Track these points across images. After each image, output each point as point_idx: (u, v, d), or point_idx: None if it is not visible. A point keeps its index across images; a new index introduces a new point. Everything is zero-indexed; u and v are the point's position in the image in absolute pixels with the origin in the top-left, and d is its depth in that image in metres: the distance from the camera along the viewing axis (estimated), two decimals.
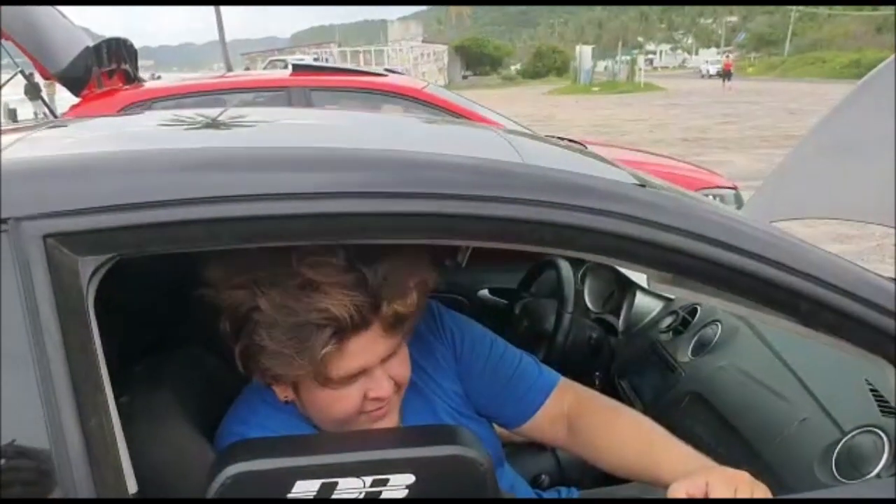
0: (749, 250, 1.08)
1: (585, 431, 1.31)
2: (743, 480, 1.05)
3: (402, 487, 1.00)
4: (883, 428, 1.24)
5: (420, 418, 1.28)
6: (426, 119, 1.69)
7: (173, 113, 1.60)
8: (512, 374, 1.36)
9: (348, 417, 1.16)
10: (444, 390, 1.34)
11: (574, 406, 1.34)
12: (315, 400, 1.16)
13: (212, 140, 1.30)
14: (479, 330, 1.40)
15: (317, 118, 1.57)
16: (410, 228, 1.04)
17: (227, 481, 0.97)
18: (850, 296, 1.09)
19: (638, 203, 1.08)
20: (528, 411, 1.35)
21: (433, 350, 1.35)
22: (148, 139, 1.29)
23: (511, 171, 1.09)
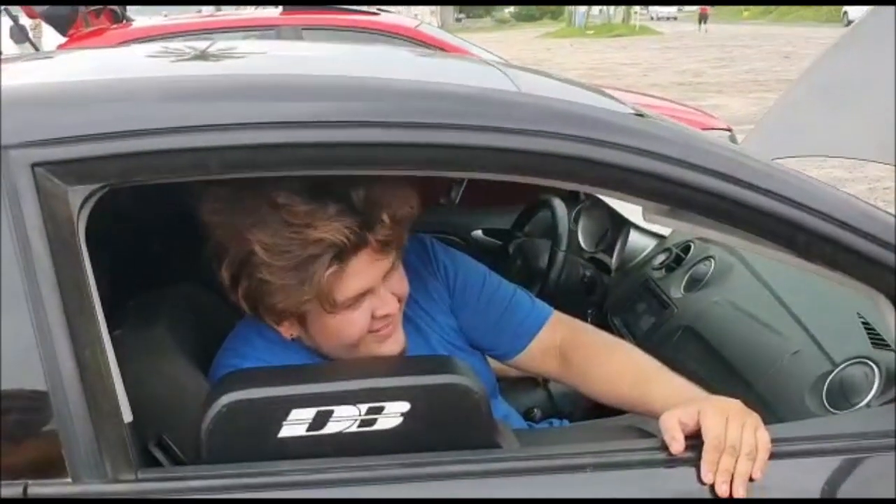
0: (747, 181, 1.07)
1: (578, 363, 1.32)
2: (735, 409, 1.06)
3: (397, 415, 1.01)
4: (874, 359, 1.25)
5: (415, 351, 1.29)
6: (421, 52, 1.66)
7: (161, 45, 1.57)
8: (505, 308, 1.36)
9: (360, 338, 1.17)
10: (439, 324, 1.35)
11: (567, 338, 1.35)
12: (325, 328, 1.17)
13: (198, 70, 1.28)
14: (472, 264, 1.40)
15: (307, 49, 1.54)
16: (409, 159, 1.03)
17: (223, 410, 0.98)
18: (849, 228, 1.09)
19: (637, 133, 1.06)
20: (521, 343, 1.36)
21: (427, 285, 1.35)
22: (135, 69, 1.27)
23: (510, 101, 1.08)
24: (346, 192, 1.09)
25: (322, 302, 1.11)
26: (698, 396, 1.15)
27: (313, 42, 3.73)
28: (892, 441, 1.09)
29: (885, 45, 2.10)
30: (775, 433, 1.08)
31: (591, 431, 1.34)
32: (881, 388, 1.21)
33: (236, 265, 1.11)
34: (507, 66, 1.45)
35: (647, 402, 1.20)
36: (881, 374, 1.22)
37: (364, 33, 4.41)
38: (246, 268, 1.10)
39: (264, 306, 1.13)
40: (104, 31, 4.29)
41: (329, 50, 1.58)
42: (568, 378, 1.36)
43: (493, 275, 1.41)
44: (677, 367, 1.57)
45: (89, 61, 1.44)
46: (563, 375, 1.36)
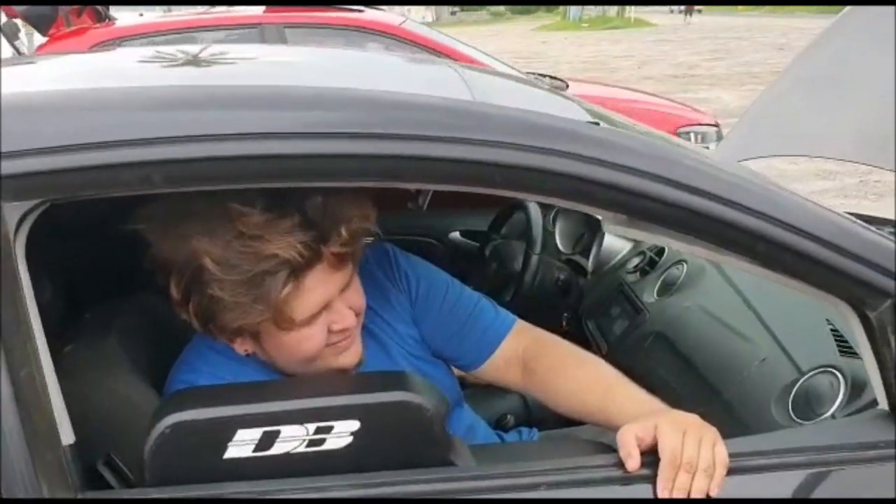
0: (706, 190, 1.04)
1: (541, 374, 1.29)
2: (692, 424, 1.04)
3: (346, 434, 0.99)
4: (840, 368, 1.23)
5: (376, 363, 1.27)
6: (379, 54, 1.64)
7: (121, 51, 1.54)
8: (467, 317, 1.34)
9: (317, 353, 1.15)
10: (400, 334, 1.32)
11: (530, 348, 1.32)
12: (280, 345, 1.14)
13: (150, 79, 1.25)
14: (434, 272, 1.38)
15: (270, 55, 1.51)
16: (360, 171, 1.00)
17: (166, 431, 0.95)
18: (809, 236, 1.06)
19: (590, 142, 1.04)
20: (484, 353, 1.33)
21: (388, 294, 1.33)
22: (84, 78, 1.24)
23: (464, 110, 1.05)
24: (302, 205, 1.07)
25: (278, 320, 1.09)
26: (658, 410, 1.13)
27: (288, 45, 3.69)
28: (854, 455, 1.08)
29: (866, 42, 2.08)
30: (735, 447, 1.06)
31: (555, 445, 1.32)
32: (846, 399, 1.19)
33: (186, 280, 1.08)
34: (466, 68, 1.43)
35: (608, 415, 1.18)
36: (846, 384, 1.20)
37: (347, 31, 4.37)
38: (196, 283, 1.07)
39: (216, 324, 1.11)
40: (85, 31, 4.26)
41: (289, 54, 1.55)
42: (531, 389, 1.33)
43: (456, 283, 1.39)
44: (647, 373, 1.56)
45: (37, 70, 1.41)
46: (527, 386, 1.33)
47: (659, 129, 4.42)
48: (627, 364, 1.64)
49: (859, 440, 1.10)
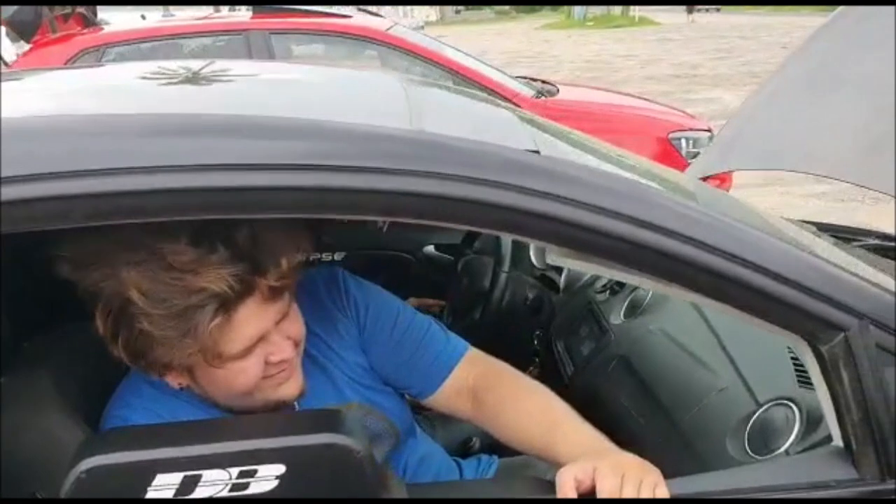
0: (649, 221, 1.01)
1: (490, 405, 1.26)
2: (633, 466, 1.00)
3: (271, 478, 0.95)
4: (796, 401, 1.19)
5: (320, 393, 1.23)
6: (325, 71, 1.59)
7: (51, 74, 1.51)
8: (417, 345, 1.30)
9: (254, 387, 1.12)
10: (347, 363, 1.29)
11: (481, 378, 1.28)
12: (215, 379, 1.11)
13: (70, 106, 1.21)
14: (385, 299, 1.34)
15: (256, 73, 1.46)
16: (284, 204, 0.97)
17: (82, 476, 0.92)
18: (756, 268, 1.03)
19: (525, 171, 1.00)
20: (434, 383, 1.30)
21: (335, 321, 1.29)
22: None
23: (398, 138, 1.01)
24: (233, 236, 1.03)
25: (207, 356, 1.05)
26: (603, 449, 1.09)
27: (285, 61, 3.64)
28: (805, 496, 1.04)
29: (855, 47, 2.03)
30: (680, 488, 1.02)
31: (499, 484, 1.28)
32: (801, 434, 1.15)
33: (114, 313, 1.05)
34: (417, 85, 1.38)
35: (553, 452, 1.14)
36: (801, 418, 1.16)
37: (332, 37, 4.34)
38: (124, 317, 1.04)
39: (146, 360, 1.07)
40: (71, 38, 4.23)
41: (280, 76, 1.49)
42: (480, 420, 1.29)
43: (408, 309, 1.35)
44: (611, 400, 1.53)
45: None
46: (476, 417, 1.29)
47: (649, 134, 4.42)
48: (592, 388, 1.61)
49: (811, 479, 1.06)
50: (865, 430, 1.05)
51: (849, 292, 1.06)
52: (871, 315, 1.06)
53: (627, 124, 4.41)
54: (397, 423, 1.31)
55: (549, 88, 4.89)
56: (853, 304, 1.05)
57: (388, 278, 2.38)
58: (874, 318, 1.06)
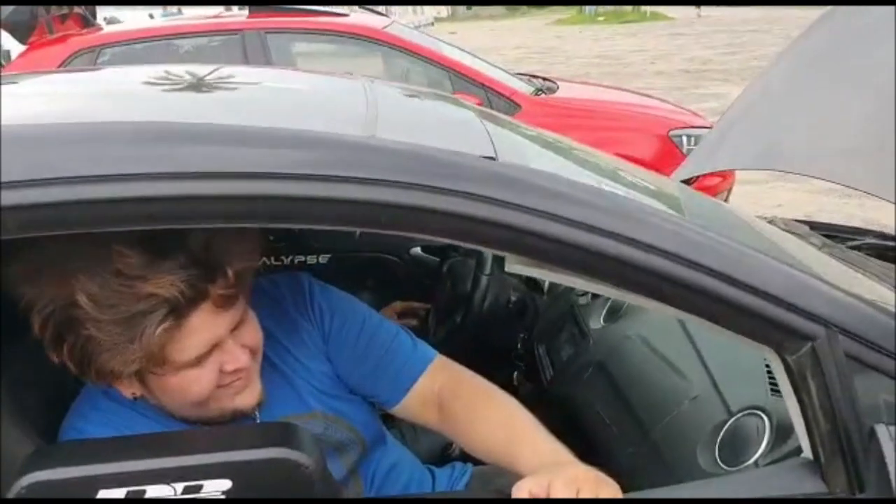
0: (605, 229, 0.98)
1: (455, 415, 1.24)
2: (588, 480, 0.98)
3: (218, 493, 0.93)
4: (767, 410, 1.16)
5: (283, 402, 1.22)
6: (290, 75, 1.57)
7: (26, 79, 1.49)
8: (383, 354, 1.28)
9: (208, 396, 1.10)
10: (311, 371, 1.27)
11: (446, 387, 1.26)
12: (167, 388, 1.09)
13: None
14: (351, 306, 1.32)
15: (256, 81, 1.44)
16: (236, 214, 0.95)
17: (23, 492, 0.90)
18: (719, 276, 1.00)
19: (482, 179, 0.97)
20: (399, 392, 1.27)
21: (299, 329, 1.27)
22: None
23: (347, 144, 0.98)
24: (186, 243, 1.01)
25: (152, 362, 1.03)
26: (557, 463, 1.07)
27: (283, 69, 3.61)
28: None
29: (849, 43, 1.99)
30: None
31: (463, 498, 1.25)
32: (770, 445, 1.12)
33: (58, 318, 1.02)
34: (382, 89, 1.36)
35: (515, 463, 1.12)
36: (772, 428, 1.13)
37: (328, 36, 4.32)
38: (70, 322, 1.02)
39: (93, 367, 1.05)
40: (67, 38, 4.23)
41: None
42: (446, 430, 1.27)
43: (375, 316, 1.33)
44: (586, 407, 1.50)
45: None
46: (442, 427, 1.27)
47: (649, 131, 4.37)
48: (568, 395, 1.59)
49: (778, 493, 1.03)
50: (834, 441, 1.02)
51: (816, 300, 1.03)
52: (841, 324, 1.03)
53: (627, 121, 4.37)
54: (363, 432, 1.29)
55: (548, 85, 4.85)
56: (820, 313, 1.02)
57: (374, 281, 2.38)
58: (843, 328, 1.03)
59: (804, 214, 4.75)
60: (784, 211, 5.33)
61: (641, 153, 3.97)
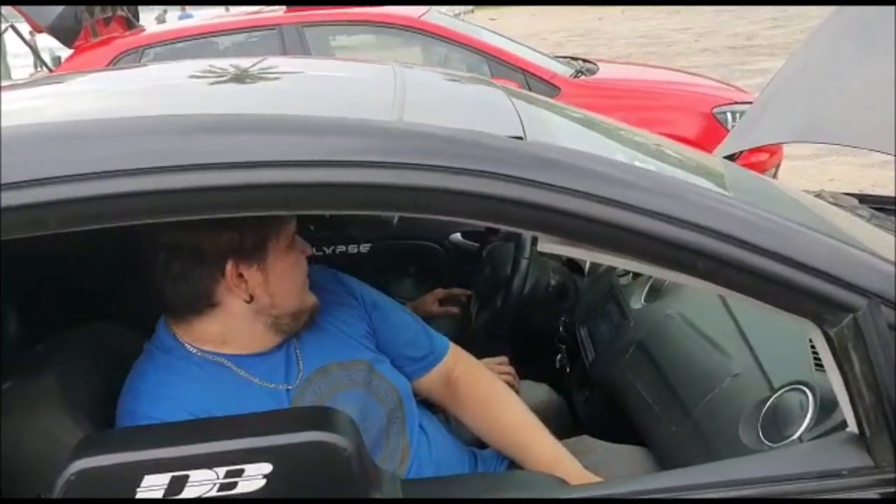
0: (636, 205, 0.97)
1: (473, 401, 1.40)
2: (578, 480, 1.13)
3: (259, 477, 0.95)
4: (811, 385, 1.13)
5: (334, 349, 1.30)
6: (321, 64, 1.58)
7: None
8: (415, 330, 1.42)
9: (304, 280, 1.26)
10: (357, 329, 1.36)
11: (466, 374, 1.41)
12: (285, 271, 1.21)
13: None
14: (377, 293, 1.43)
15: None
16: (243, 202, 0.96)
17: (72, 478, 0.93)
18: (756, 249, 0.98)
19: (508, 159, 0.97)
20: (426, 367, 1.41)
21: (343, 304, 1.37)
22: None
23: (365, 129, 0.99)
24: None
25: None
26: (564, 461, 1.25)
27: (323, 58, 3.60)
28: (813, 485, 0.99)
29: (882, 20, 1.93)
30: (685, 479, 0.99)
31: (501, 481, 1.26)
32: (814, 420, 1.10)
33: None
34: (411, 73, 1.36)
35: (521, 457, 1.31)
36: (815, 403, 1.11)
37: (366, 26, 4.33)
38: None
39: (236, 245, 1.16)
40: (112, 41, 4.31)
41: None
42: (460, 411, 1.42)
43: (397, 304, 1.47)
44: (628, 387, 1.49)
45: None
46: (456, 408, 1.42)
47: (693, 110, 4.30)
48: (611, 375, 1.58)
49: (823, 468, 1.01)
50: (879, 414, 0.99)
51: (857, 271, 1.00)
52: (883, 294, 1.00)
53: (669, 100, 4.30)
54: (400, 390, 1.35)
55: (588, 67, 4.80)
56: (862, 284, 1.00)
57: (416, 269, 2.39)
58: (886, 298, 1.00)
59: (857, 189, 4.63)
60: (836, 186, 5.21)
61: (685, 131, 3.90)
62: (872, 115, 1.82)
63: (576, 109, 1.73)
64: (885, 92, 1.83)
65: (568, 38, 18.19)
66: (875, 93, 1.85)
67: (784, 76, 2.17)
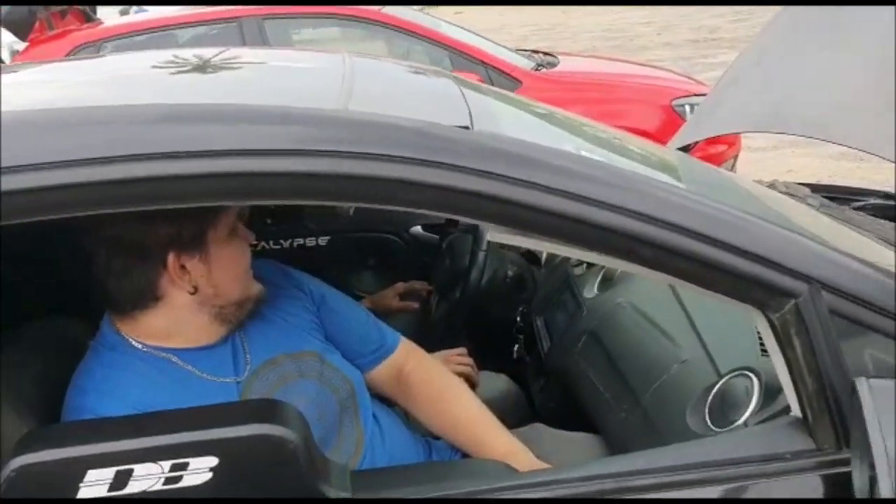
0: (575, 193, 0.97)
1: (425, 396, 1.39)
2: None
3: (205, 470, 0.94)
4: (756, 371, 1.15)
5: (283, 339, 1.29)
6: (270, 54, 1.57)
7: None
8: (365, 322, 1.42)
9: (248, 269, 1.25)
10: (305, 320, 1.35)
11: (419, 368, 1.41)
12: (227, 260, 1.20)
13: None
14: (325, 286, 1.43)
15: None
16: (196, 192, 0.95)
17: (12, 475, 0.91)
18: (698, 236, 0.99)
19: (455, 149, 0.97)
20: (377, 359, 1.41)
21: (292, 297, 1.36)
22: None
23: (309, 118, 0.98)
24: None
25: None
26: (514, 451, 1.26)
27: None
28: (758, 468, 1.01)
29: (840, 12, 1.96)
30: (630, 464, 1.00)
31: (454, 469, 1.27)
32: (759, 404, 1.11)
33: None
34: (361, 61, 1.35)
35: (474, 448, 1.31)
36: (761, 388, 1.13)
37: (327, 20, 4.30)
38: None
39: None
40: (68, 34, 4.24)
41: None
42: (412, 406, 1.41)
43: (348, 297, 1.46)
44: (581, 376, 1.50)
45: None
46: (408, 402, 1.42)
47: (652, 102, 4.34)
48: (564, 364, 1.59)
49: (767, 451, 1.03)
50: (820, 398, 1.01)
51: (798, 257, 1.02)
52: (824, 280, 1.02)
53: (628, 93, 4.33)
54: (352, 379, 1.35)
55: (549, 60, 4.82)
56: (803, 269, 1.01)
57: (375, 261, 2.39)
58: (827, 283, 1.02)
59: (815, 179, 4.70)
60: (794, 177, 5.27)
61: (645, 124, 3.94)
62: (826, 106, 1.85)
63: (531, 101, 1.74)
64: (838, 82, 1.86)
65: (533, 32, 18.22)
66: (828, 83, 1.88)
67: (737, 67, 2.19)
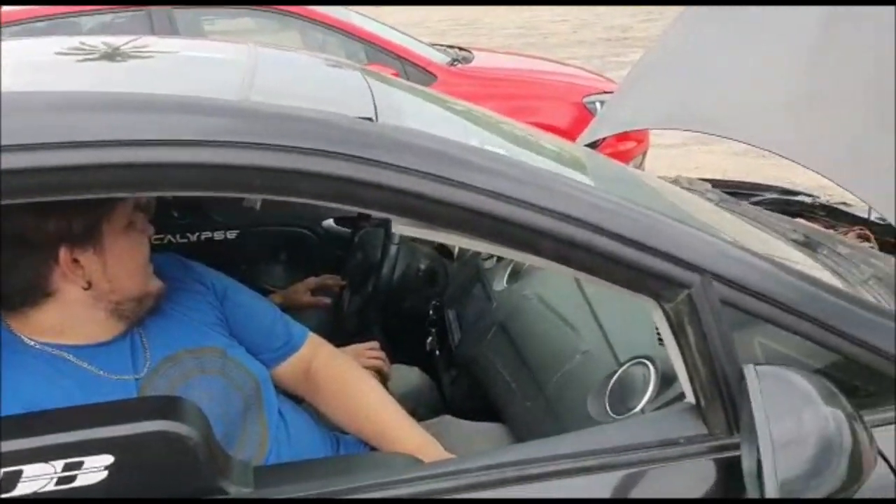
0: (472, 185, 0.98)
1: (332, 392, 1.38)
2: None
3: (100, 469, 0.92)
4: (653, 359, 1.19)
5: (184, 335, 1.25)
6: (172, 43, 1.54)
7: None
8: (271, 318, 1.40)
9: (148, 263, 1.22)
10: (208, 315, 1.32)
11: (327, 365, 1.40)
12: (124, 253, 1.17)
13: None
14: (229, 280, 1.40)
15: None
16: (83, 183, 0.92)
17: None
18: (593, 228, 1.01)
19: (357, 140, 0.97)
20: (282, 356, 1.39)
21: (194, 292, 1.33)
22: None
23: (207, 108, 0.96)
24: None
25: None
26: (423, 444, 1.25)
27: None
28: (653, 453, 1.04)
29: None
30: (532, 452, 1.02)
31: (360, 463, 1.26)
32: (656, 392, 1.15)
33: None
34: (264, 52, 1.33)
35: (382, 441, 1.31)
36: (657, 376, 1.16)
37: (236, 9, 4.21)
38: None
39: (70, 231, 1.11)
40: None
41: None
42: (319, 402, 1.40)
43: (255, 293, 1.43)
44: (489, 367, 1.52)
45: None
46: (315, 398, 1.40)
47: (564, 99, 4.40)
48: (473, 356, 1.61)
49: (661, 437, 1.06)
50: (712, 385, 1.05)
51: (691, 249, 1.05)
52: (716, 271, 1.06)
53: (541, 90, 4.39)
54: (258, 375, 1.32)
55: (464, 55, 4.85)
56: (695, 261, 1.04)
57: (287, 255, 2.36)
58: (719, 274, 1.06)
59: (721, 175, 4.85)
60: (700, 173, 5.44)
61: (556, 121, 4.00)
62: (726, 104, 1.92)
63: (442, 96, 1.74)
64: (739, 81, 1.93)
65: (451, 28, 18.28)
66: (729, 82, 1.95)
67: (643, 65, 2.25)
